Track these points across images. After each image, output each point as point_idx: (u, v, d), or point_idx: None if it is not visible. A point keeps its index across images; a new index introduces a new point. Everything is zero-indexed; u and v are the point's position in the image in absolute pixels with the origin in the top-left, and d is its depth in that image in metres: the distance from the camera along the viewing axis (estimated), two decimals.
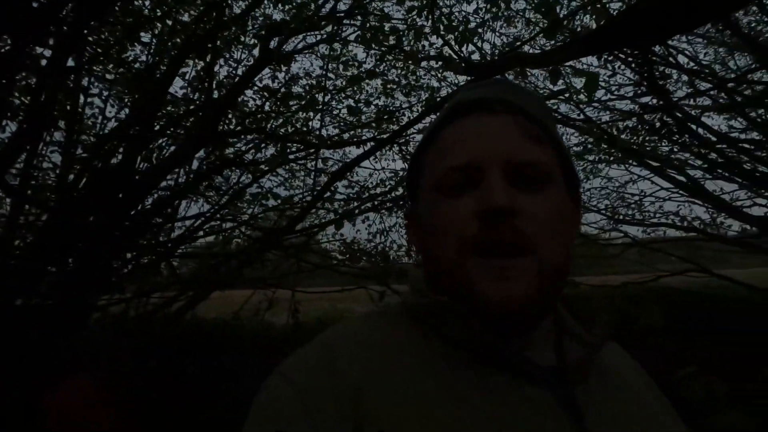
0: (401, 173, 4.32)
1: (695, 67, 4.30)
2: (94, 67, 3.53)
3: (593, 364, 0.49)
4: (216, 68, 3.85)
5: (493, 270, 0.44)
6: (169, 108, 3.91)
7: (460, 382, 0.44)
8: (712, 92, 4.30)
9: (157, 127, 3.72)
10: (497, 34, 4.29)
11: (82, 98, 3.43)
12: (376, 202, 3.72)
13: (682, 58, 4.33)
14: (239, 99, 4.05)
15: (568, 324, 0.53)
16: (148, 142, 3.45)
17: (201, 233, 3.82)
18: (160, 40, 3.66)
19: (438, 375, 0.45)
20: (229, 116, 4.09)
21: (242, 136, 3.75)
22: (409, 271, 0.60)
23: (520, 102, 0.52)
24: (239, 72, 4.25)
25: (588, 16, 3.47)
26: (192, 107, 3.81)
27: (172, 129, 3.90)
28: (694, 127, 4.14)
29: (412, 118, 4.28)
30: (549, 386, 0.46)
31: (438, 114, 0.59)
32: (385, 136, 4.23)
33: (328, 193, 3.06)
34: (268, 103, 4.14)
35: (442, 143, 0.52)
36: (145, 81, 3.42)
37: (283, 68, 4.22)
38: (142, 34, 3.75)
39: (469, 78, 2.46)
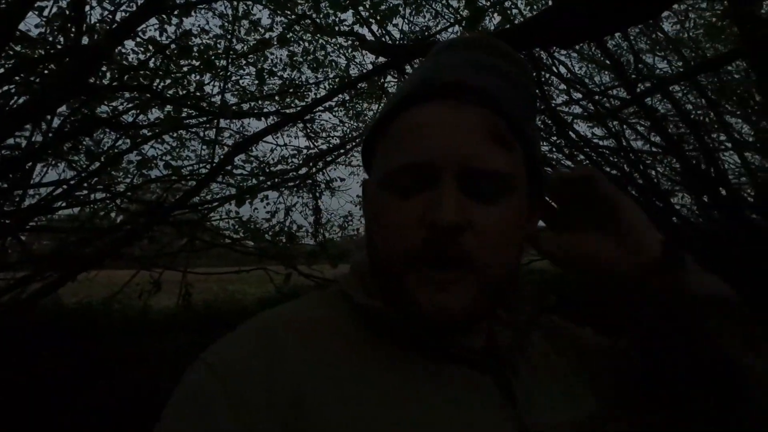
0: (305, 151, 4.17)
1: (571, 78, 4.90)
2: None
3: (522, 347, 0.52)
4: (86, 9, 3.23)
5: (432, 282, 0.43)
6: (19, 48, 3.19)
7: (401, 373, 0.44)
8: (582, 102, 4.95)
9: (2, 70, 3.02)
10: (405, 20, 4.35)
11: None
12: (277, 180, 3.52)
13: (562, 68, 4.90)
14: (116, 50, 3.48)
15: (497, 310, 0.55)
16: None
17: (62, 203, 3.23)
18: None
19: (380, 368, 0.44)
20: (104, 69, 3.50)
21: (122, 93, 3.23)
22: (352, 253, 0.57)
23: (498, 91, 0.47)
24: (117, 18, 3.65)
25: (490, 18, 3.68)
26: (53, 51, 3.15)
27: (22, 75, 3.21)
28: (567, 131, 4.75)
29: (317, 93, 4.16)
30: (485, 370, 0.47)
31: (401, 86, 0.53)
32: (289, 110, 4.02)
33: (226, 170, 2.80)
34: (154, 60, 3.63)
35: (398, 129, 0.47)
36: None
37: (174, 22, 3.73)
38: None
39: (384, 60, 2.43)
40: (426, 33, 3.55)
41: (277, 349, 0.42)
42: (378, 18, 1.96)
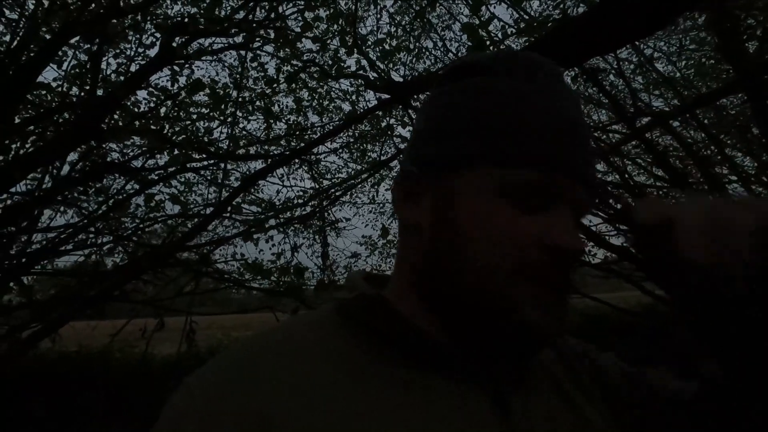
0: (310, 191, 4.20)
1: None
2: None
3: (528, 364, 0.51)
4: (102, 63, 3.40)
5: (542, 302, 0.44)
6: (36, 99, 3.32)
7: (387, 389, 0.43)
8: None
9: (19, 120, 3.12)
10: (406, 66, 4.54)
11: None
12: (282, 219, 3.53)
13: None
14: (129, 100, 3.62)
15: None
16: (5, 135, 2.85)
17: (66, 247, 3.22)
18: (33, 21, 3.13)
19: (363, 384, 0.43)
20: (116, 118, 3.62)
21: (132, 140, 3.32)
22: (348, 275, 0.57)
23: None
24: (131, 69, 3.82)
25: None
26: (68, 101, 3.27)
27: (36, 126, 3.31)
28: None
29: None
30: (481, 384, 0.46)
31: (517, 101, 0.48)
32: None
33: (231, 207, 2.82)
34: (164, 108, 3.76)
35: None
36: (5, 66, 2.86)
37: (185, 72, 3.90)
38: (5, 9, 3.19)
39: (384, 96, 2.48)
40: (427, 72, 3.69)
41: (252, 370, 0.43)
42: (380, 54, 2.04)
